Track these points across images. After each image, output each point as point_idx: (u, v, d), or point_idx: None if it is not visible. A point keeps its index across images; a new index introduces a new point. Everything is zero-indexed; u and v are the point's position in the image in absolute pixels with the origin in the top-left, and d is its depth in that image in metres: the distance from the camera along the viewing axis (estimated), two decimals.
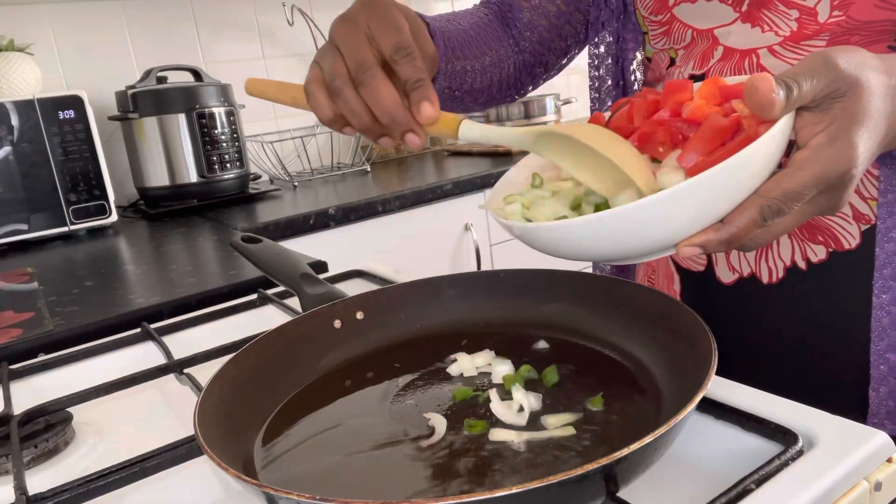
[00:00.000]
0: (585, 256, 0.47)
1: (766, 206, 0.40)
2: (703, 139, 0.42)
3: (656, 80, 0.71)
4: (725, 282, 0.66)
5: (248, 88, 0.53)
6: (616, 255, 0.45)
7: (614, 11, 0.72)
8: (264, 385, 0.52)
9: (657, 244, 0.43)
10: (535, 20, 0.77)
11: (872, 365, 0.58)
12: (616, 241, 0.43)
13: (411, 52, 0.47)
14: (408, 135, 0.49)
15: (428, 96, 0.47)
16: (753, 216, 0.40)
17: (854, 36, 0.55)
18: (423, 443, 0.44)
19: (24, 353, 0.76)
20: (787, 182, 0.40)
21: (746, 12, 0.60)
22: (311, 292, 0.65)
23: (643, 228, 0.41)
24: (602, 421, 0.45)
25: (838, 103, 0.40)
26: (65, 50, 1.75)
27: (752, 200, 0.40)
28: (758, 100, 0.39)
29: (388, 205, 1.56)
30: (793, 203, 0.40)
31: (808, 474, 0.37)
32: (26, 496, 0.43)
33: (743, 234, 0.41)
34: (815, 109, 0.41)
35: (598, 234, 0.42)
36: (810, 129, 0.41)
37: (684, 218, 0.41)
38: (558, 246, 0.45)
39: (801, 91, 0.40)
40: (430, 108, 0.47)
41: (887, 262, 0.56)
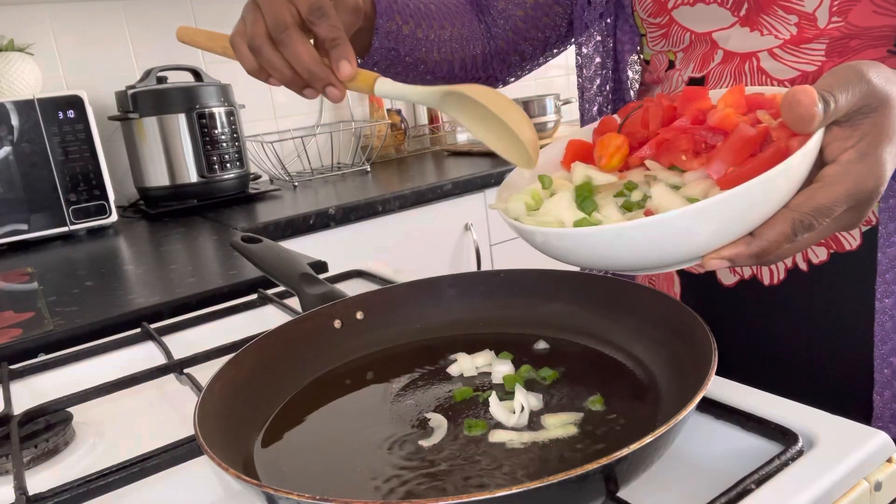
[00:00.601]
0: (604, 265, 0.45)
1: (799, 220, 0.39)
2: (733, 150, 0.41)
3: (654, 82, 0.71)
4: (726, 283, 0.66)
5: (179, 35, 0.55)
6: (639, 265, 0.44)
7: (602, 14, 0.72)
8: (264, 385, 0.52)
9: (682, 256, 0.42)
10: (510, 9, 0.77)
11: (876, 369, 0.58)
12: (642, 252, 0.41)
13: (326, 12, 0.49)
14: (328, 88, 0.52)
15: (346, 55, 0.50)
16: (785, 230, 0.40)
17: (853, 41, 0.55)
18: (423, 443, 0.44)
19: (24, 353, 0.76)
20: (819, 197, 0.39)
21: (745, 16, 0.60)
22: (311, 292, 0.65)
23: (671, 240, 0.40)
24: (602, 421, 0.45)
25: (868, 119, 0.40)
26: (65, 50, 1.75)
27: (783, 214, 0.40)
28: (799, 113, 0.38)
29: (388, 205, 1.56)
30: (823, 218, 0.40)
31: (808, 474, 0.37)
32: (26, 496, 0.43)
33: (773, 248, 0.40)
34: (845, 124, 0.41)
35: (625, 243, 0.41)
36: (840, 143, 0.41)
37: (713, 231, 0.40)
38: (577, 253, 0.44)
39: (837, 105, 0.39)
40: (347, 67, 0.50)
41: (889, 266, 0.56)
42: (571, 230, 0.42)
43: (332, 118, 2.18)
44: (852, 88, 0.39)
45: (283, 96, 2.07)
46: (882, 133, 0.40)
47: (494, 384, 0.52)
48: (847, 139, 0.40)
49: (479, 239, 1.73)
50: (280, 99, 2.07)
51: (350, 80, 0.51)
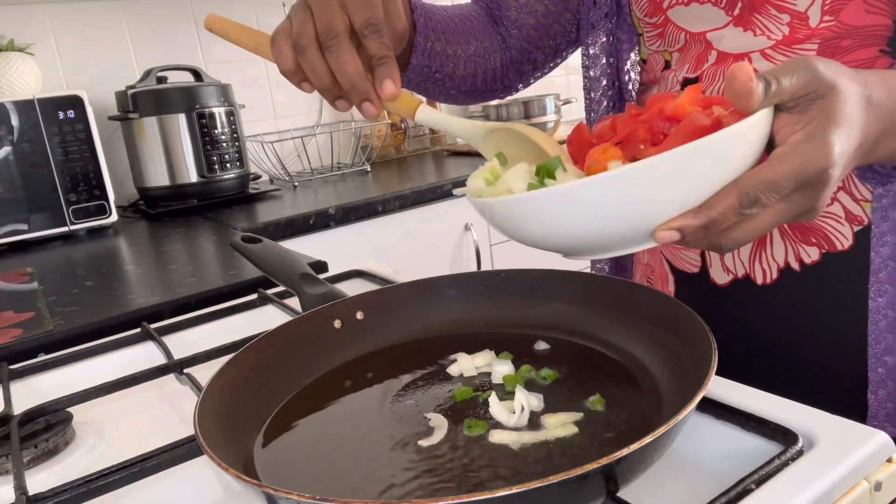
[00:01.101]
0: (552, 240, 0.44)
1: (745, 192, 0.40)
2: (682, 133, 0.42)
3: (651, 81, 0.71)
4: (720, 283, 0.66)
5: (208, 23, 0.54)
6: (588, 238, 0.43)
7: (608, 14, 0.72)
8: (264, 385, 0.52)
9: (630, 229, 0.42)
10: (522, 18, 0.78)
11: (870, 368, 0.58)
12: (586, 219, 0.41)
13: (380, 28, 0.49)
14: (365, 103, 0.51)
15: (391, 74, 0.49)
16: (731, 202, 0.40)
17: (845, 40, 0.55)
18: (423, 443, 0.44)
19: (24, 353, 0.76)
20: (765, 172, 0.40)
21: (739, 16, 0.60)
22: (311, 292, 0.65)
23: (615, 204, 0.40)
24: (602, 421, 0.45)
25: (816, 104, 0.41)
26: (65, 50, 1.75)
27: (729, 187, 0.40)
28: (736, 88, 0.40)
29: (388, 205, 1.56)
30: (771, 194, 0.40)
31: (808, 474, 0.37)
32: (26, 496, 0.43)
33: (720, 219, 0.40)
34: (794, 111, 0.42)
35: (566, 209, 0.40)
36: (789, 128, 0.42)
37: (654, 197, 0.40)
38: (518, 222, 0.43)
39: (779, 86, 0.40)
40: (391, 86, 0.49)
41: (882, 265, 0.56)
42: (513, 196, 0.42)
43: (332, 118, 2.18)
44: (797, 74, 0.40)
45: (283, 96, 2.07)
46: (829, 118, 0.40)
47: (494, 384, 0.52)
48: (796, 123, 0.41)
49: (479, 239, 1.73)
50: (280, 99, 2.07)
51: (391, 100, 0.50)
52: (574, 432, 0.44)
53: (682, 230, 0.41)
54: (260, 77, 2.02)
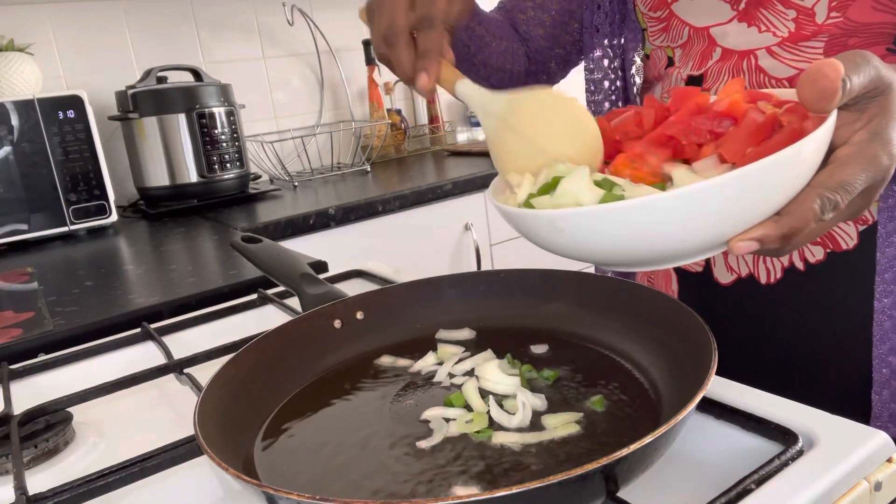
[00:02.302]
0: (624, 255, 0.41)
1: (826, 196, 0.38)
2: (746, 132, 0.40)
3: (655, 78, 0.71)
4: (723, 282, 0.66)
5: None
6: (657, 253, 0.41)
7: (608, 14, 0.72)
8: (264, 385, 0.52)
9: (708, 239, 0.39)
10: (531, 30, 0.79)
11: (875, 368, 0.58)
12: (657, 235, 0.38)
13: (432, 24, 0.52)
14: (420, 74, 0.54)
15: (426, 67, 0.52)
16: (813, 207, 0.38)
17: (852, 38, 0.55)
18: (422, 443, 0.44)
19: (24, 353, 0.76)
20: (842, 173, 0.39)
21: (744, 11, 0.60)
22: (311, 292, 0.65)
23: (691, 220, 0.38)
24: (602, 421, 0.45)
25: (875, 102, 0.40)
26: (65, 50, 1.75)
27: (808, 192, 0.39)
28: (824, 86, 0.37)
29: (388, 205, 1.56)
30: (846, 195, 0.39)
31: (808, 474, 0.37)
32: (26, 496, 0.43)
33: (802, 226, 0.39)
34: (853, 108, 0.41)
35: (641, 224, 0.38)
36: (849, 127, 0.40)
37: (738, 209, 0.38)
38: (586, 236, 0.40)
39: (852, 85, 0.38)
40: (424, 78, 0.52)
41: (888, 266, 0.56)
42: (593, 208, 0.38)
43: (332, 118, 2.18)
44: (863, 71, 0.39)
45: (283, 96, 2.07)
46: (890, 114, 0.40)
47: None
48: (855, 122, 0.40)
49: (479, 239, 1.73)
50: (280, 99, 2.07)
51: (427, 91, 0.53)
52: (574, 432, 0.44)
53: (762, 240, 0.39)
54: (260, 77, 2.02)
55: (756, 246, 0.39)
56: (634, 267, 0.44)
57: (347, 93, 2.18)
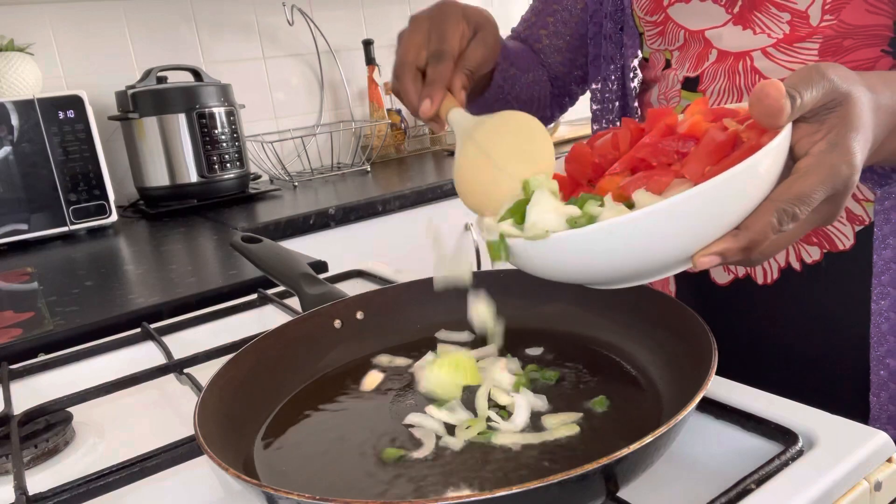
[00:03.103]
0: (589, 276, 0.44)
1: (783, 209, 0.40)
2: (706, 152, 0.42)
3: (653, 80, 0.72)
4: (720, 283, 0.66)
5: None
6: (626, 272, 0.43)
7: (617, 24, 0.73)
8: (264, 385, 0.52)
9: (672, 256, 0.41)
10: (549, 57, 0.82)
11: (872, 370, 0.58)
12: (625, 255, 0.40)
13: (441, 58, 0.56)
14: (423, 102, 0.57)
15: (430, 94, 0.55)
16: (771, 220, 0.40)
17: (847, 40, 0.55)
18: (416, 454, 0.44)
19: (24, 353, 0.76)
20: (799, 185, 0.40)
21: (738, 14, 0.60)
22: (311, 292, 0.65)
23: (662, 234, 0.39)
24: (602, 421, 0.45)
25: (834, 113, 0.41)
26: (65, 50, 1.75)
27: (766, 206, 0.40)
28: (768, 104, 0.39)
29: (388, 205, 1.56)
30: (805, 207, 0.40)
31: (808, 474, 0.37)
32: (26, 496, 0.43)
33: (761, 239, 0.40)
34: (812, 120, 0.41)
35: (604, 247, 0.40)
36: (809, 138, 0.41)
37: (697, 225, 0.39)
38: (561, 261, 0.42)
39: (803, 101, 0.40)
40: (427, 105, 0.55)
41: (885, 268, 0.56)
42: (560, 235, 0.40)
43: (332, 118, 2.18)
44: (815, 85, 0.40)
45: (283, 96, 2.07)
46: (849, 124, 0.41)
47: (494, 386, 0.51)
48: (815, 133, 0.41)
49: (479, 239, 1.73)
50: (280, 99, 2.07)
51: (428, 118, 0.56)
52: (575, 432, 0.44)
53: (723, 254, 0.40)
54: (260, 77, 2.02)
55: (718, 260, 0.41)
56: (605, 285, 0.47)
57: (347, 93, 2.18)
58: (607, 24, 0.74)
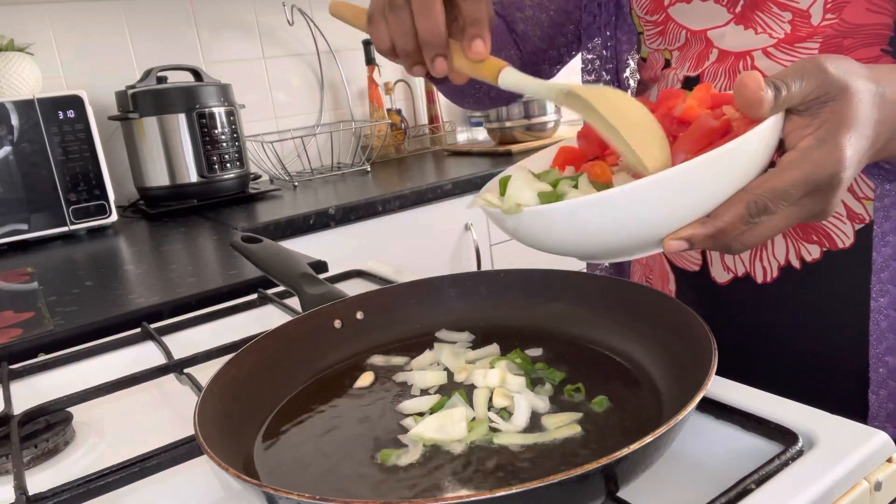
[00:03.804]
0: (564, 249, 0.45)
1: (752, 201, 0.40)
2: (692, 138, 0.42)
3: (651, 80, 0.71)
4: (720, 281, 0.66)
5: (331, 9, 0.56)
6: (596, 249, 0.44)
7: (603, 16, 0.72)
8: (264, 385, 0.52)
9: (641, 238, 0.42)
10: (529, 30, 0.79)
11: (871, 368, 0.58)
12: (596, 232, 0.42)
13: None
14: (438, 59, 0.51)
15: (481, 34, 0.49)
16: (739, 211, 0.40)
17: (847, 39, 0.55)
18: (423, 443, 0.44)
19: (24, 353, 0.76)
20: (774, 180, 0.40)
21: (740, 14, 0.60)
22: (311, 292, 0.65)
23: (625, 218, 0.41)
24: (602, 421, 0.45)
25: (827, 107, 0.41)
26: (65, 50, 1.75)
27: (738, 196, 0.40)
28: (746, 96, 0.39)
29: (388, 205, 1.56)
30: (779, 201, 0.40)
31: (808, 474, 0.37)
32: (26, 496, 0.43)
33: (729, 228, 0.40)
34: (805, 114, 0.41)
35: (576, 223, 0.41)
36: (798, 132, 0.41)
37: (667, 209, 0.40)
38: (534, 234, 0.44)
39: (789, 91, 0.40)
40: (480, 45, 0.49)
41: (884, 265, 0.56)
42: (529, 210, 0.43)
43: (332, 118, 2.18)
44: (807, 77, 0.40)
45: (283, 96, 2.08)
46: (842, 120, 0.40)
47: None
48: (806, 127, 0.41)
49: (479, 239, 1.73)
50: (280, 99, 2.07)
51: (479, 61, 0.50)
52: (575, 433, 0.44)
53: (690, 240, 0.41)
54: (260, 77, 2.02)
55: (685, 245, 0.41)
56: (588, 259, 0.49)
57: (347, 93, 2.18)
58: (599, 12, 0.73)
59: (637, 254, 0.45)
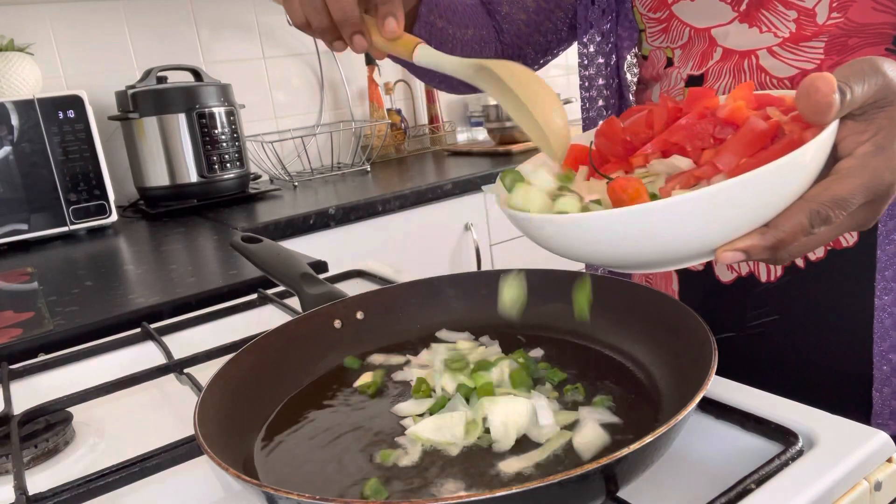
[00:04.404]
0: (609, 259, 0.42)
1: (816, 210, 0.38)
2: (743, 142, 0.39)
3: (653, 78, 0.71)
4: (724, 280, 0.66)
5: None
6: (648, 258, 0.41)
7: (605, 11, 0.72)
8: (264, 385, 0.52)
9: (692, 249, 0.40)
10: (513, 13, 0.78)
11: (875, 366, 0.58)
12: (646, 242, 0.39)
13: None
14: (356, 35, 0.51)
15: (394, 12, 0.49)
16: (802, 221, 0.38)
17: (852, 38, 0.55)
18: (423, 443, 0.44)
19: (24, 353, 0.76)
20: (836, 188, 0.38)
21: (745, 12, 0.60)
22: (311, 292, 0.65)
23: (679, 228, 0.38)
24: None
25: (884, 112, 0.39)
26: (65, 50, 1.75)
27: (799, 205, 0.38)
28: (817, 100, 0.37)
29: (388, 205, 1.56)
30: (840, 211, 0.38)
31: (808, 474, 0.37)
32: (26, 496, 0.43)
33: (789, 239, 0.38)
34: (860, 118, 0.40)
35: (628, 231, 0.38)
36: (855, 137, 0.39)
37: (724, 220, 0.38)
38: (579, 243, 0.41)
39: (853, 96, 0.38)
40: (393, 23, 0.49)
41: (889, 264, 0.56)
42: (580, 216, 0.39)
43: (332, 118, 2.18)
44: (868, 80, 0.38)
45: (283, 96, 2.07)
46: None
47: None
48: (862, 133, 0.39)
49: (479, 239, 1.73)
50: (280, 99, 2.07)
51: (392, 39, 0.50)
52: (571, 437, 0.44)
53: (748, 251, 0.39)
54: (260, 77, 2.02)
55: (742, 257, 0.39)
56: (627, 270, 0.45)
57: (347, 93, 2.18)
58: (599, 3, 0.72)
59: (684, 264, 0.43)
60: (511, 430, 0.43)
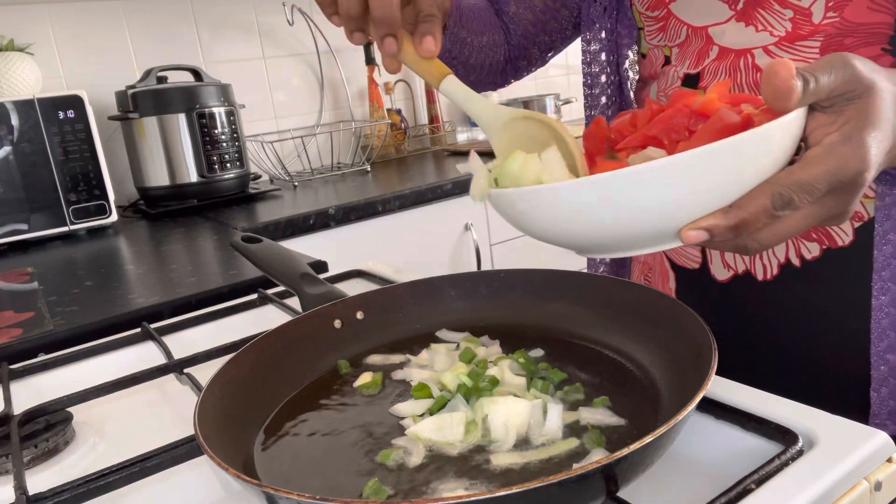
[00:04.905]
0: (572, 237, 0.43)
1: (779, 193, 0.38)
2: (712, 130, 0.40)
3: (651, 76, 0.71)
4: (720, 279, 0.66)
5: None
6: (608, 238, 0.42)
7: (607, 9, 0.72)
8: (264, 385, 0.52)
9: (656, 228, 0.40)
10: (520, 13, 0.78)
11: (873, 366, 0.58)
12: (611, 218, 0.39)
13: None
14: (388, 38, 0.49)
15: (433, 32, 0.48)
16: (765, 202, 0.39)
17: (848, 38, 0.55)
18: (423, 443, 0.44)
19: (24, 353, 0.76)
20: (801, 173, 0.39)
21: (741, 10, 0.60)
22: (311, 292, 0.65)
23: (642, 199, 0.38)
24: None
25: (853, 105, 0.40)
26: (65, 50, 1.75)
27: (762, 187, 0.39)
28: (776, 84, 0.38)
29: (388, 205, 1.56)
30: (804, 196, 0.39)
31: (808, 474, 0.37)
32: (26, 496, 0.43)
33: (751, 220, 0.39)
34: (829, 110, 0.40)
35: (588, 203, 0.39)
36: (823, 129, 0.40)
37: (685, 194, 0.38)
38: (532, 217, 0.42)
39: (818, 85, 0.39)
40: (431, 43, 0.48)
41: (885, 264, 0.56)
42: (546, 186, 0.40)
43: (332, 118, 2.18)
44: (835, 71, 0.39)
45: (283, 96, 2.07)
46: (866, 119, 0.39)
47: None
48: (831, 124, 0.40)
49: (479, 239, 1.73)
50: (280, 99, 2.07)
51: (428, 58, 0.49)
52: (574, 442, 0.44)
53: (710, 230, 0.39)
54: (260, 77, 2.02)
55: (704, 235, 0.39)
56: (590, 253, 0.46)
57: (347, 93, 2.18)
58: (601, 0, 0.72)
59: (650, 247, 0.43)
60: (511, 430, 0.44)
